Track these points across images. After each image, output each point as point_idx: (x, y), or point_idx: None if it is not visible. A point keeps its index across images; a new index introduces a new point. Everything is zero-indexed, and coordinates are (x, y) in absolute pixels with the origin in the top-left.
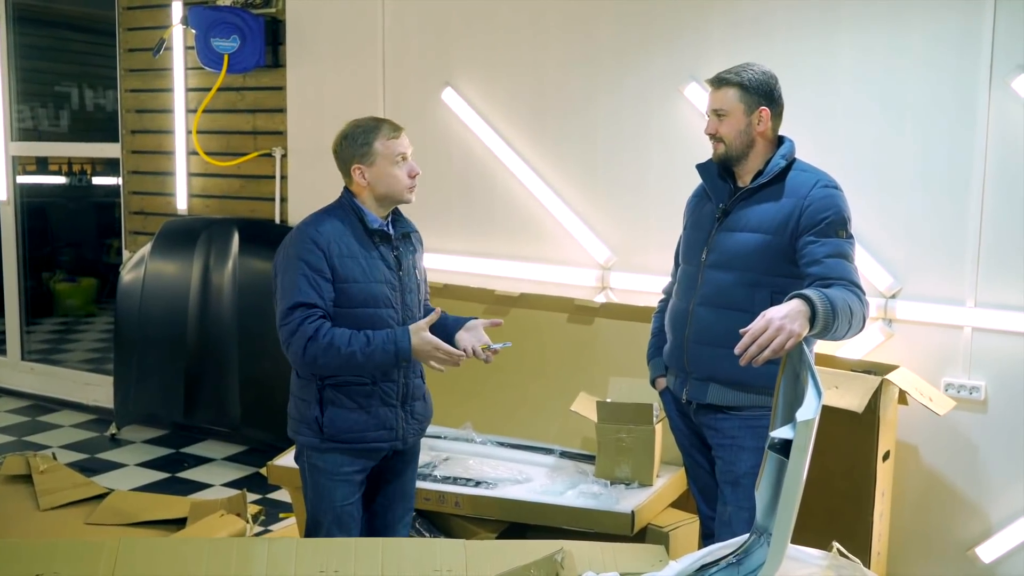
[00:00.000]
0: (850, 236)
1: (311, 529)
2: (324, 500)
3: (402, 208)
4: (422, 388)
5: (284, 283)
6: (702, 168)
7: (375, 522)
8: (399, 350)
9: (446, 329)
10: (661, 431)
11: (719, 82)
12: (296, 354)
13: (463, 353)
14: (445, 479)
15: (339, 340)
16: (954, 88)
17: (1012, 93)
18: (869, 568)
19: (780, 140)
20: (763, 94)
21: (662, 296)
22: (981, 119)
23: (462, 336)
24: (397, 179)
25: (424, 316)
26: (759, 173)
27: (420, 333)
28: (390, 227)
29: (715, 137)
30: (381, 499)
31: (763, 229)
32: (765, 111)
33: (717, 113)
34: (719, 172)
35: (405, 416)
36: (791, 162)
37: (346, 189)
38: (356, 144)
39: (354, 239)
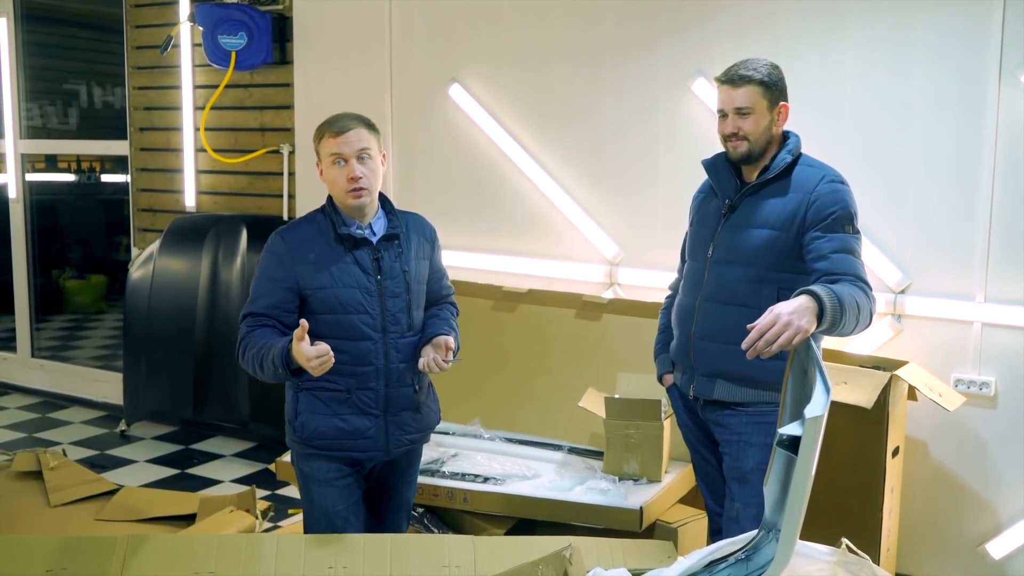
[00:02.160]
0: (857, 231)
1: (307, 531)
2: (316, 506)
3: (410, 202)
4: (413, 398)
5: (250, 290)
6: (708, 164)
7: (373, 531)
8: (275, 357)
9: (424, 337)
10: (669, 427)
11: (739, 79)
12: (238, 358)
13: (325, 350)
14: (453, 475)
15: (251, 345)
16: (962, 82)
17: (1022, 87)
18: (878, 564)
19: (785, 135)
20: (781, 89)
21: (669, 292)
22: (990, 113)
23: (425, 350)
24: (334, 182)
25: (433, 324)
26: (765, 169)
27: (297, 344)
28: (372, 228)
29: (737, 136)
30: (379, 510)
31: (769, 225)
32: (786, 106)
33: (741, 112)
34: (725, 168)
35: (388, 426)
36: (797, 157)
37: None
38: (314, 141)
39: (325, 244)
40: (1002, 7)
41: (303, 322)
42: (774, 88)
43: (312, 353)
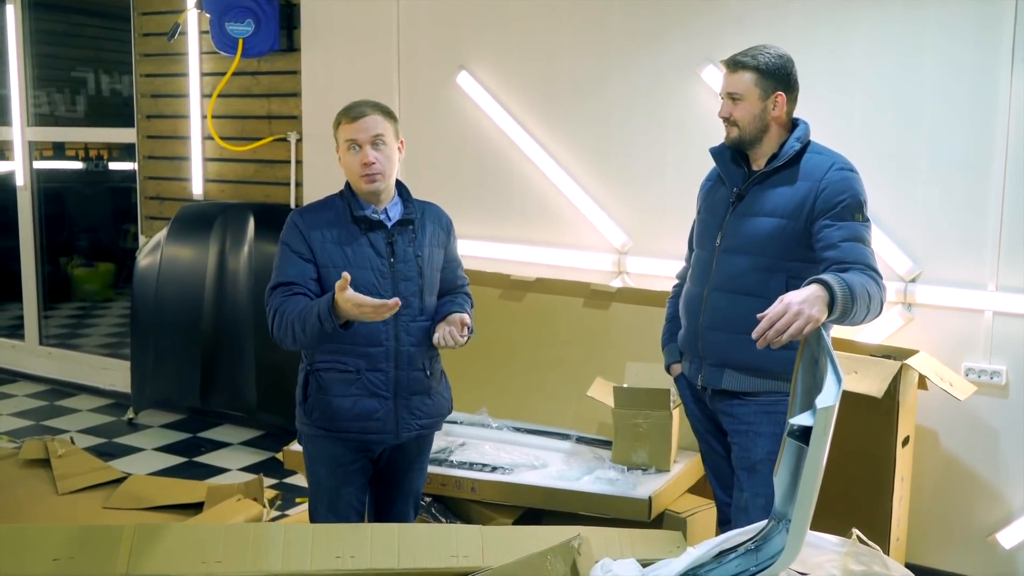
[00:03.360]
0: (866, 219)
1: (310, 514)
2: (320, 487)
3: (417, 190)
4: (425, 383)
5: (274, 268)
6: (716, 152)
7: (381, 518)
8: (320, 311)
9: (436, 318)
10: (678, 416)
11: (735, 65)
12: (271, 331)
13: (393, 303)
14: (461, 464)
15: (289, 311)
16: (974, 70)
17: None
18: (888, 554)
19: (794, 123)
20: (779, 78)
21: (676, 281)
22: (1002, 101)
23: (439, 326)
24: (349, 167)
25: (445, 305)
26: (773, 156)
27: (341, 294)
28: (387, 213)
29: (729, 121)
30: (387, 496)
31: (778, 213)
32: (781, 96)
33: (732, 97)
34: (733, 156)
35: (398, 409)
36: (806, 145)
37: None
38: (333, 128)
39: (341, 226)
40: None
41: (345, 274)
42: (770, 77)
43: (370, 301)
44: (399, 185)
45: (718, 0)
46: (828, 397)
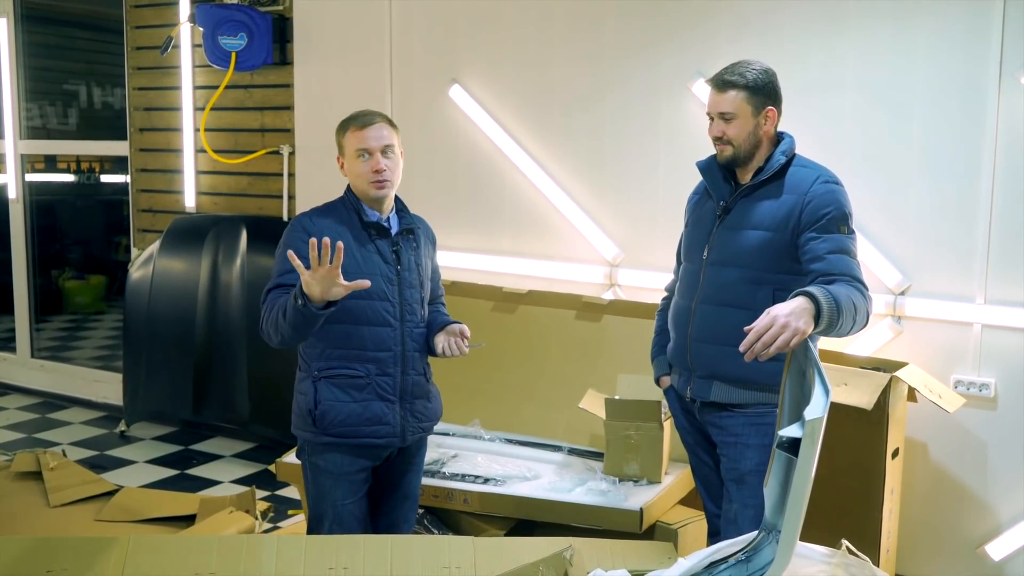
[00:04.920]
0: (852, 232)
1: (312, 527)
2: (325, 499)
3: (410, 203)
4: (425, 386)
5: (272, 271)
6: (702, 166)
7: (380, 522)
8: (295, 290)
9: (431, 328)
10: (669, 428)
11: (723, 84)
12: (260, 327)
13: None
14: (453, 476)
15: (279, 304)
16: (962, 83)
17: (1022, 89)
18: (878, 565)
19: (779, 136)
20: (768, 93)
21: (665, 294)
22: (991, 114)
23: (439, 336)
24: (358, 174)
25: (436, 316)
26: (759, 170)
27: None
28: (390, 222)
29: (722, 140)
30: (386, 500)
31: (764, 226)
32: (772, 111)
33: (724, 117)
34: (719, 170)
35: (404, 413)
36: (791, 158)
37: (348, 184)
38: (337, 135)
39: (349, 232)
40: (1002, 10)
41: (326, 240)
42: (760, 93)
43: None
44: (395, 196)
45: (710, 14)
46: (816, 409)
